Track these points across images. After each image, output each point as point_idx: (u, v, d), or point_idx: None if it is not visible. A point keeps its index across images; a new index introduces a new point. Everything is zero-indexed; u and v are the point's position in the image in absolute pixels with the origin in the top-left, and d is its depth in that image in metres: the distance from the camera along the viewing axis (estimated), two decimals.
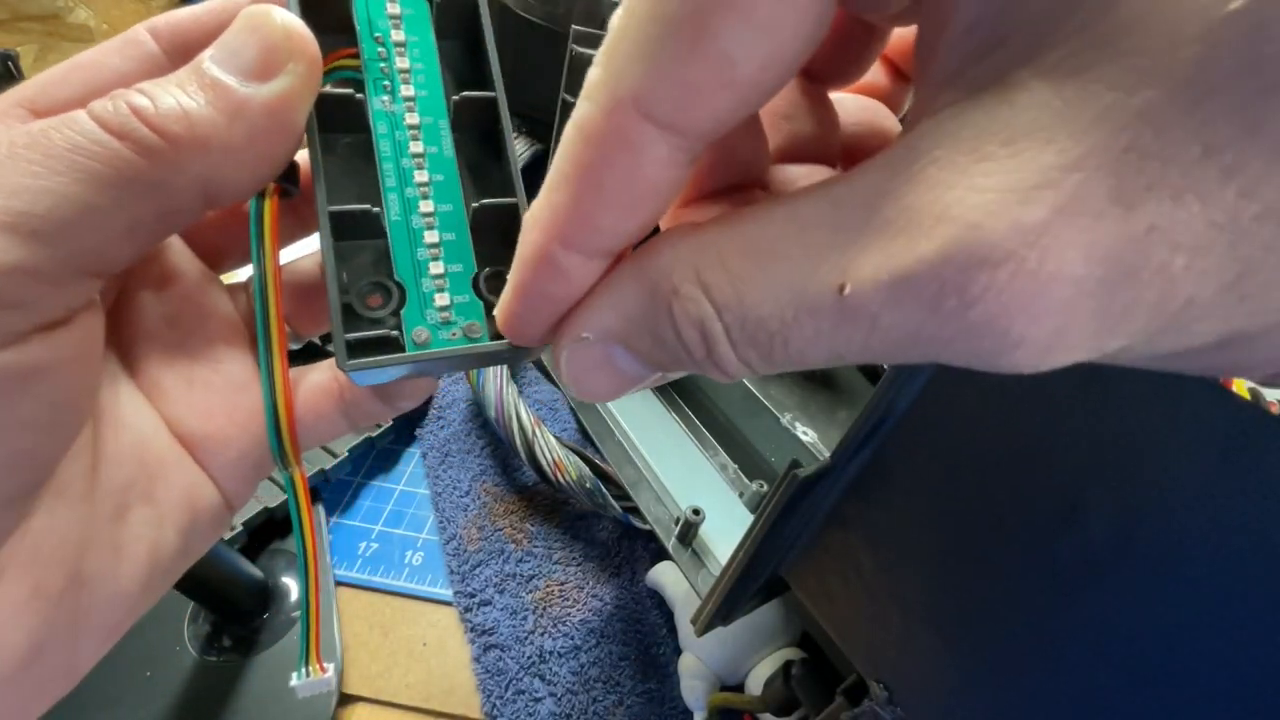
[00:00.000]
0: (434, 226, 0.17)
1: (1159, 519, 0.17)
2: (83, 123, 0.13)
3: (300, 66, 0.15)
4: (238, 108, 0.14)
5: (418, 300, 0.17)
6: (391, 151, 0.17)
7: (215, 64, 0.14)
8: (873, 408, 0.23)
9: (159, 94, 0.14)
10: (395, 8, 0.17)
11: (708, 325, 0.11)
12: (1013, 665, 0.22)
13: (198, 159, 0.14)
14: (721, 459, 0.44)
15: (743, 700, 0.41)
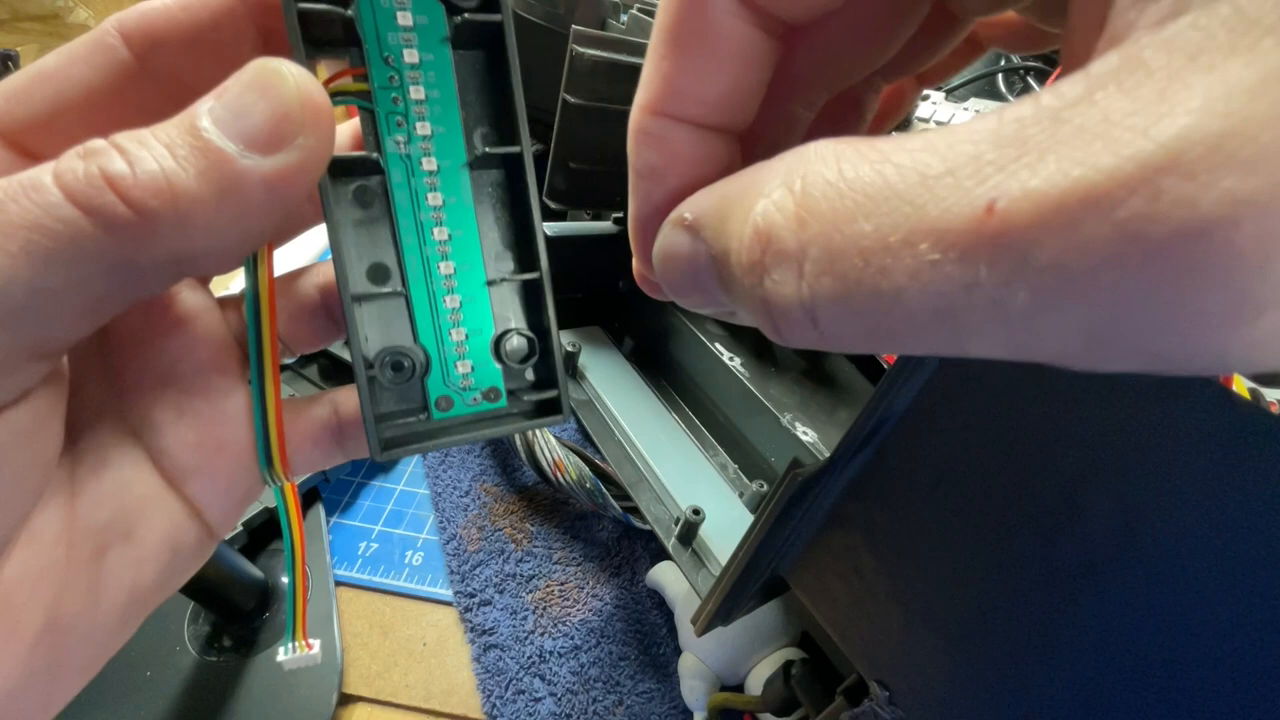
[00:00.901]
0: (454, 289, 0.16)
1: (1159, 519, 0.17)
2: (48, 194, 0.11)
3: (312, 140, 0.13)
4: (233, 182, 0.12)
5: (439, 367, 0.16)
6: (409, 205, 0.16)
7: (215, 125, 0.12)
8: (873, 407, 0.23)
9: (140, 157, 0.11)
10: (407, 17, 0.15)
11: (778, 236, 0.09)
12: (1013, 665, 0.22)
13: (175, 236, 0.12)
14: (721, 459, 0.44)
15: (743, 700, 0.41)
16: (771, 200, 0.09)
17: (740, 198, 0.10)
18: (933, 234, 0.07)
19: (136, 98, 0.15)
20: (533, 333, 0.17)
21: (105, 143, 0.12)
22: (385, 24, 0.15)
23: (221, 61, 0.15)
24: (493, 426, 0.17)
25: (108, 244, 0.11)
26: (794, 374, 0.45)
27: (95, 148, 0.12)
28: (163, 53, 0.15)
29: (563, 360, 0.17)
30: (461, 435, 0.16)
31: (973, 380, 0.20)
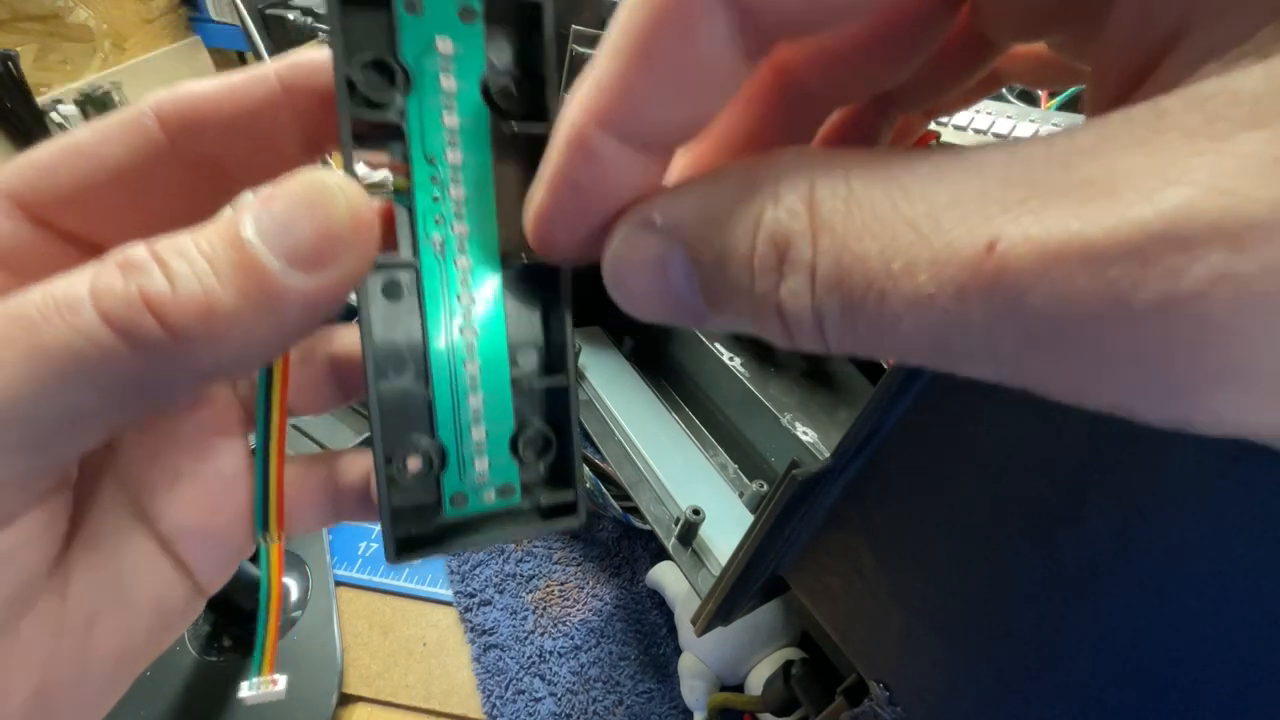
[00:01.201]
0: (477, 387, 0.16)
1: (1159, 520, 0.17)
2: (84, 316, 0.10)
3: (355, 259, 0.12)
4: (272, 300, 0.11)
5: (456, 464, 0.16)
6: (440, 303, 0.16)
7: (260, 238, 0.11)
8: (873, 408, 0.23)
9: (182, 274, 0.11)
10: (453, 118, 0.15)
11: (795, 245, 0.09)
12: (1013, 665, 0.22)
13: (206, 354, 0.11)
14: (721, 459, 0.44)
15: (743, 700, 0.41)
16: (785, 207, 0.09)
17: (736, 202, 0.10)
18: (933, 265, 0.07)
19: (166, 179, 0.15)
20: (552, 430, 0.17)
21: (146, 253, 0.11)
22: (431, 123, 0.15)
23: (258, 148, 0.15)
24: (507, 529, 0.17)
25: (138, 364, 0.11)
26: (794, 374, 0.45)
27: (136, 261, 0.11)
28: (198, 137, 0.14)
29: (581, 462, 0.17)
30: (475, 539, 0.16)
31: (974, 382, 0.20)
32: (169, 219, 0.15)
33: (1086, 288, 0.06)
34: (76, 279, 0.11)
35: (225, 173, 0.15)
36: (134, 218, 0.15)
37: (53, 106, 0.70)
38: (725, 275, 0.10)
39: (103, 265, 0.11)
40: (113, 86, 0.74)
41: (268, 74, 0.14)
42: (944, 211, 0.07)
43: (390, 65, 0.14)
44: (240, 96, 0.14)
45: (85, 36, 0.76)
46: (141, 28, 0.83)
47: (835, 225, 0.08)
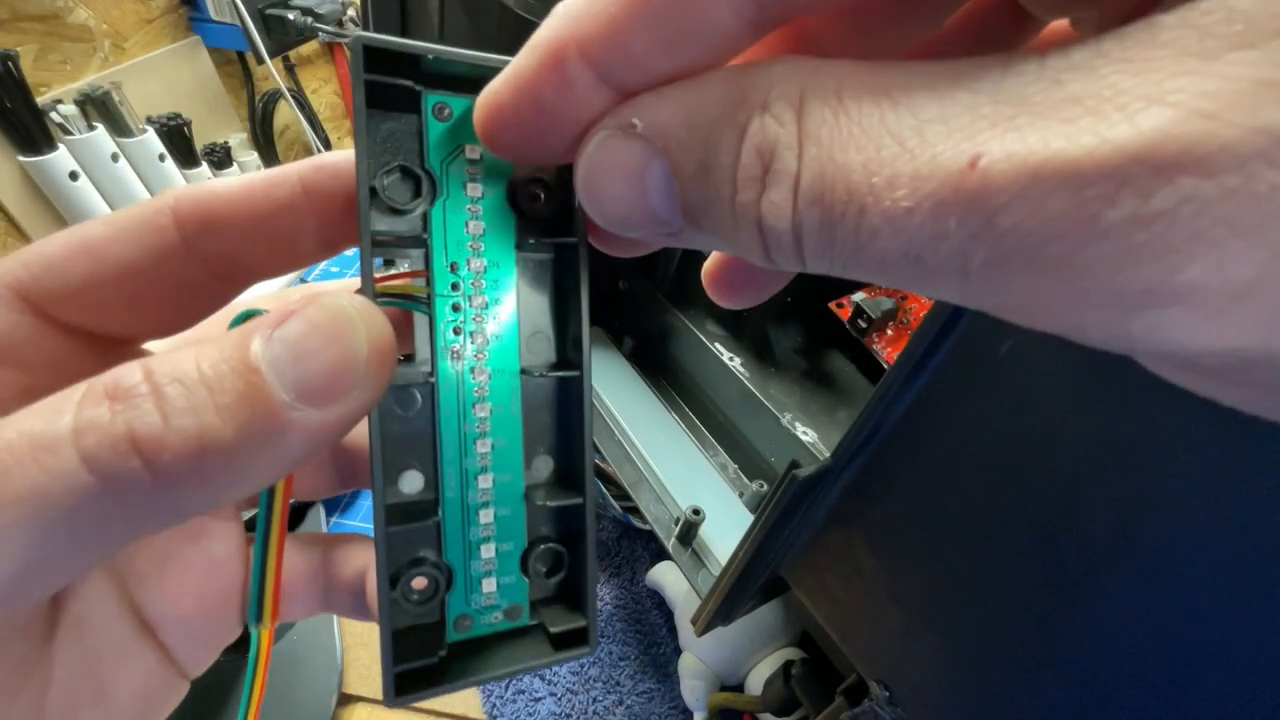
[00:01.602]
0: (490, 503, 0.15)
1: (1158, 519, 0.17)
2: (62, 460, 0.09)
3: (369, 393, 0.11)
4: (275, 435, 0.10)
5: (464, 585, 0.15)
6: (455, 416, 0.15)
7: (270, 368, 0.10)
8: (873, 407, 0.23)
9: (176, 404, 0.10)
10: (478, 226, 0.14)
11: (780, 155, 0.08)
12: (1013, 665, 0.22)
13: (194, 495, 0.10)
14: (721, 459, 0.44)
15: (743, 700, 0.41)
16: (773, 115, 0.09)
17: (723, 109, 0.09)
18: (914, 180, 0.07)
19: (176, 276, 0.14)
20: (564, 546, 0.16)
21: (140, 377, 0.10)
22: (454, 230, 0.14)
23: (274, 247, 0.14)
24: (513, 661, 0.15)
25: (118, 508, 0.10)
26: (794, 374, 0.45)
27: (126, 388, 0.10)
28: (214, 236, 0.14)
29: (595, 586, 0.16)
30: (479, 674, 0.15)
31: (974, 382, 0.20)
32: (176, 314, 0.15)
33: (1061, 207, 0.06)
34: (60, 409, 0.10)
35: (238, 268, 0.15)
36: (141, 313, 0.14)
37: (53, 106, 0.70)
38: (706, 185, 0.10)
39: (90, 391, 0.10)
40: (113, 86, 0.74)
41: (290, 175, 0.14)
42: (931, 125, 0.07)
43: (415, 173, 0.13)
44: (260, 198, 0.14)
45: (85, 36, 0.76)
46: (141, 28, 0.83)
47: (822, 136, 0.08)
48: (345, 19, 0.94)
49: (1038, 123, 0.07)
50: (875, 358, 0.39)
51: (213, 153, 0.90)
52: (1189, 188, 0.06)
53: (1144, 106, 0.06)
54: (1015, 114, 0.07)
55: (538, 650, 0.16)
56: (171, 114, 0.82)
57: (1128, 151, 0.06)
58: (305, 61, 1.07)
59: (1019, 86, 0.07)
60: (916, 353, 0.21)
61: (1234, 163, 0.06)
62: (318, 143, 1.05)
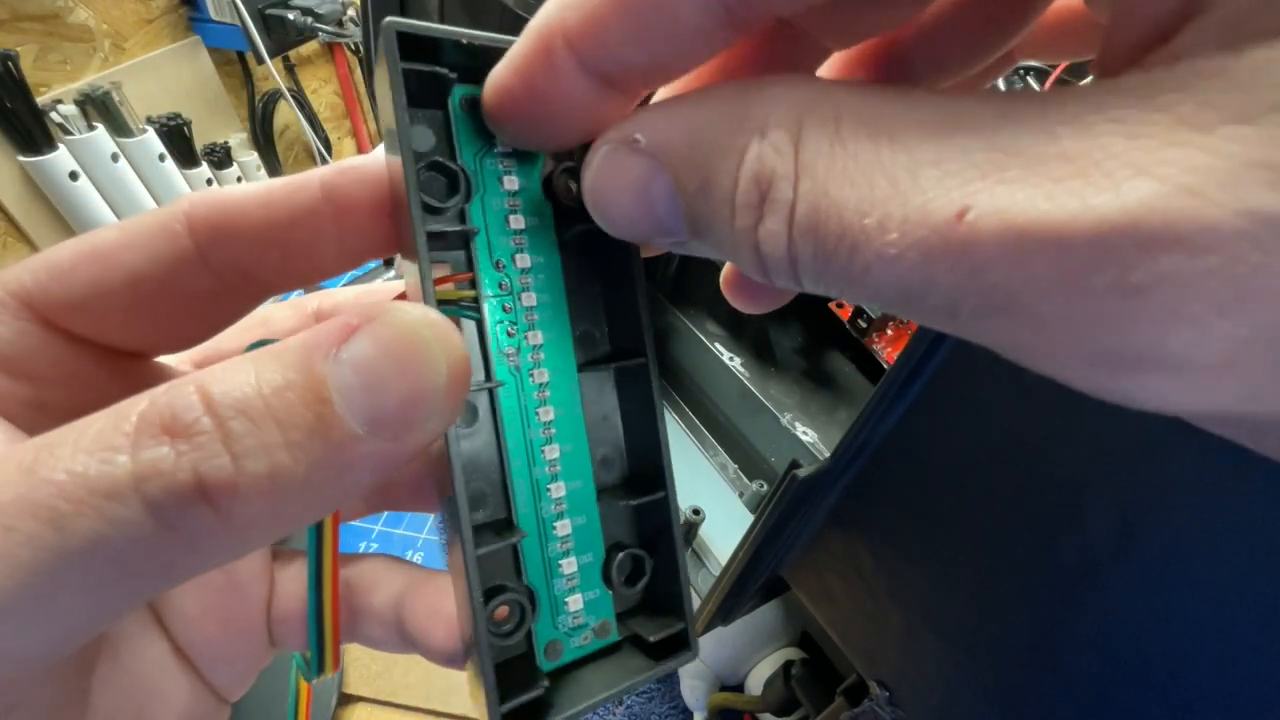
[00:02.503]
0: (564, 513, 0.14)
1: (1158, 519, 0.17)
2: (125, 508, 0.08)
3: (442, 421, 0.10)
4: (344, 467, 0.10)
5: (549, 607, 0.14)
6: (519, 424, 0.14)
7: (344, 400, 0.09)
8: (873, 407, 0.23)
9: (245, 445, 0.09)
10: (519, 220, 0.14)
11: (777, 185, 0.09)
12: (1012, 665, 0.22)
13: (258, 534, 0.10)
14: (721, 459, 0.44)
15: (743, 700, 0.41)
16: (770, 143, 0.09)
17: (722, 131, 0.09)
18: (905, 225, 0.07)
19: (187, 286, 0.13)
20: (644, 549, 0.15)
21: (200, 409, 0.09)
22: (495, 227, 0.14)
23: (291, 257, 0.14)
24: (616, 680, 0.14)
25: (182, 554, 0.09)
26: (794, 374, 0.45)
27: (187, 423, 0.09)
28: (229, 244, 0.13)
29: (688, 585, 0.15)
30: (587, 702, 0.13)
31: (973, 382, 0.20)
32: (188, 327, 0.14)
33: (1046, 269, 0.07)
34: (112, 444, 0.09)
35: (254, 280, 0.14)
36: (151, 325, 0.14)
37: (53, 106, 0.70)
38: (707, 204, 0.10)
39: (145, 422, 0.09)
40: (113, 86, 0.74)
41: (311, 180, 0.13)
42: (924, 169, 0.07)
43: (450, 168, 0.13)
44: (279, 204, 0.13)
45: (85, 36, 0.76)
46: (141, 28, 0.83)
47: (818, 169, 0.08)
48: (345, 19, 0.94)
49: (1029, 178, 0.07)
50: (875, 358, 0.39)
51: (213, 153, 0.90)
52: (1170, 264, 0.06)
53: (1131, 176, 0.06)
54: (1007, 164, 0.07)
55: (636, 664, 0.14)
56: (171, 114, 0.82)
57: (1111, 222, 0.06)
58: (305, 61, 1.07)
59: (1015, 136, 0.07)
60: (917, 353, 0.21)
61: (1216, 243, 0.06)
62: (317, 143, 1.05)
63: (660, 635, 0.14)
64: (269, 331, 0.17)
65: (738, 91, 0.10)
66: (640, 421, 0.15)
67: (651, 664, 0.14)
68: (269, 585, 0.16)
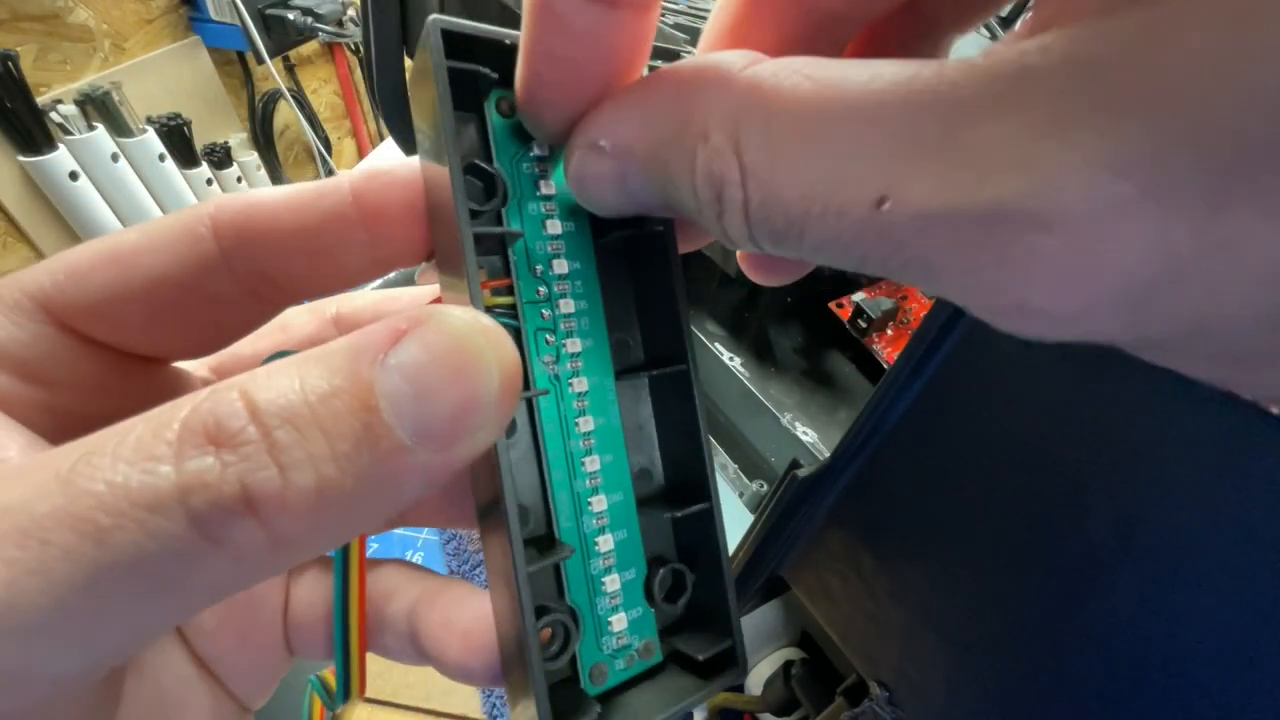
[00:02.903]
0: (606, 527, 0.14)
1: (1159, 519, 0.17)
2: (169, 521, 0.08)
3: (492, 432, 0.10)
4: (392, 480, 0.09)
5: (593, 627, 0.14)
6: (559, 435, 0.14)
7: (390, 406, 0.09)
8: (873, 408, 0.23)
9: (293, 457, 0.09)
10: (556, 225, 0.14)
11: (727, 191, 0.10)
12: (1013, 665, 0.22)
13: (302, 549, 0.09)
14: (721, 459, 0.44)
15: (743, 700, 0.41)
16: (713, 148, 0.10)
17: (671, 136, 0.10)
18: (839, 215, 0.09)
19: (211, 292, 0.13)
20: (684, 560, 0.15)
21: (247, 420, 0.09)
22: (533, 233, 0.13)
23: (317, 264, 0.13)
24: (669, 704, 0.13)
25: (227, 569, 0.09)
26: (794, 374, 0.45)
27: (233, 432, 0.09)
28: (254, 249, 0.13)
29: (735, 599, 0.14)
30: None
31: (974, 382, 0.20)
32: (209, 333, 0.14)
33: (947, 245, 0.08)
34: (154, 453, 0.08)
35: (278, 286, 0.14)
36: (171, 330, 0.13)
37: (53, 106, 0.70)
38: (678, 196, 0.11)
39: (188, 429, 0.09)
40: (113, 86, 0.74)
41: (340, 184, 0.13)
42: (847, 161, 0.09)
43: (488, 171, 0.13)
44: (307, 208, 0.13)
45: (85, 36, 0.76)
46: (141, 28, 0.83)
47: (760, 171, 0.09)
48: (345, 19, 0.94)
49: (931, 168, 0.08)
50: (875, 358, 0.39)
51: (213, 153, 0.90)
52: (1033, 242, 0.08)
53: (1006, 169, 0.08)
54: (912, 155, 0.08)
55: (684, 684, 0.14)
56: (171, 114, 0.82)
57: (992, 209, 0.08)
58: (305, 61, 1.07)
59: (916, 129, 0.08)
60: (916, 353, 0.21)
61: (1068, 225, 0.07)
62: (317, 143, 1.05)
63: (709, 653, 0.14)
64: (287, 338, 0.17)
65: (677, 94, 0.10)
66: (681, 430, 0.15)
67: (701, 683, 0.14)
68: (284, 593, 0.16)
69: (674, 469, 0.15)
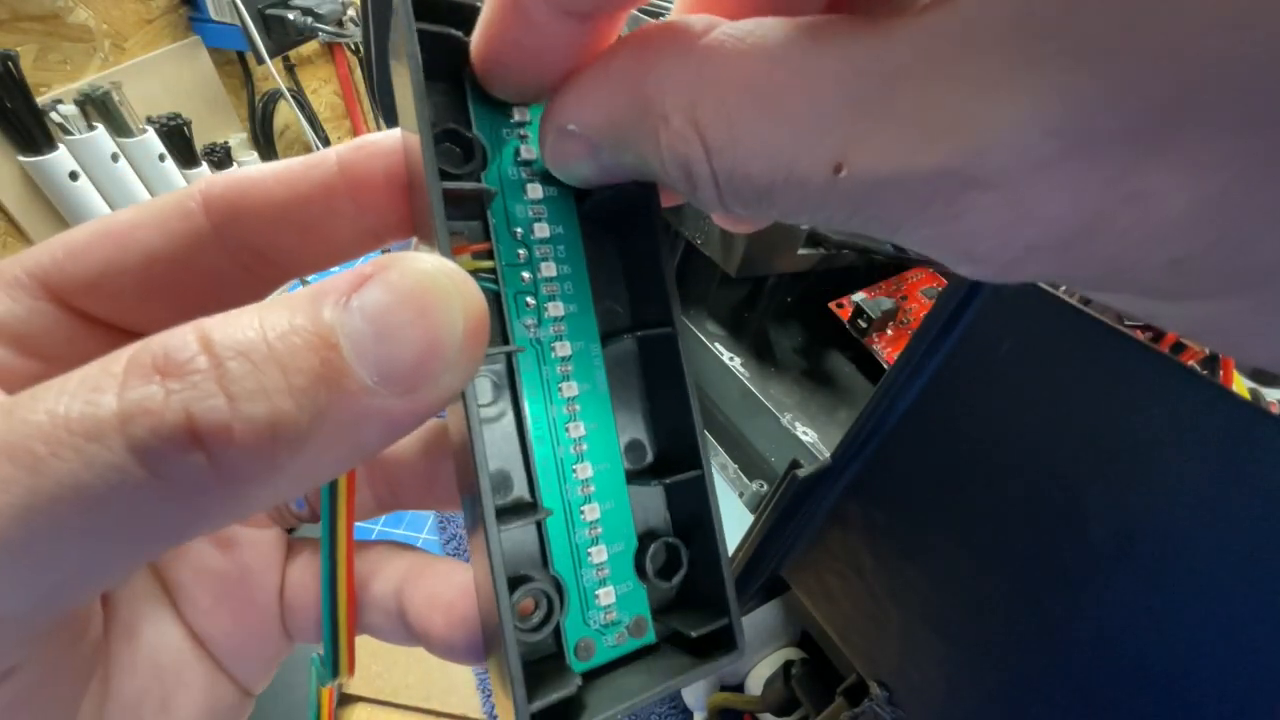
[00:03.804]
0: (592, 496, 0.14)
1: (1159, 519, 0.17)
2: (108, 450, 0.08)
3: (459, 378, 0.10)
4: (351, 424, 0.09)
5: (579, 599, 0.13)
6: (541, 399, 0.13)
7: (353, 348, 0.09)
8: (873, 408, 0.23)
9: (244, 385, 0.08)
10: (537, 189, 0.14)
11: (695, 168, 0.10)
12: (1013, 665, 0.22)
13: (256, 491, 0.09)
14: (721, 459, 0.44)
15: (743, 700, 0.41)
16: (675, 130, 0.10)
17: (633, 118, 0.11)
18: (803, 183, 0.09)
19: (203, 266, 0.13)
20: (679, 537, 0.14)
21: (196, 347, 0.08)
22: (513, 196, 0.13)
23: (308, 237, 0.14)
24: (657, 682, 0.13)
25: (172, 506, 0.08)
26: (794, 374, 0.45)
27: (181, 361, 0.08)
28: (244, 223, 0.13)
29: (733, 577, 0.14)
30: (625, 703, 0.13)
31: (973, 381, 0.20)
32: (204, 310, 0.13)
33: (901, 202, 0.09)
34: (99, 385, 0.08)
35: (270, 261, 0.14)
36: (166, 306, 0.14)
37: (53, 106, 0.70)
38: (650, 169, 0.11)
39: (135, 362, 0.08)
40: (113, 86, 0.74)
41: (327, 156, 0.13)
42: (804, 134, 0.09)
43: (466, 136, 0.13)
44: (295, 180, 0.13)
45: (85, 36, 0.76)
46: (141, 28, 0.83)
47: (724, 149, 0.10)
48: (345, 19, 0.94)
49: (880, 132, 0.09)
50: (875, 358, 0.39)
51: (213, 153, 0.90)
52: (975, 199, 0.08)
53: (948, 131, 0.08)
54: (859, 120, 0.09)
55: (677, 662, 0.13)
56: (171, 114, 0.82)
57: (937, 170, 0.08)
58: (305, 61, 1.07)
59: (865, 93, 0.09)
60: (916, 353, 0.21)
61: (1004, 183, 0.08)
62: (317, 143, 1.05)
63: (702, 630, 0.13)
64: None
65: (636, 71, 0.11)
66: (669, 397, 0.14)
67: (695, 662, 0.13)
68: (281, 575, 0.16)
69: (665, 439, 0.15)
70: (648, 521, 0.14)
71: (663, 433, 0.15)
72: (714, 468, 0.14)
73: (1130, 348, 0.16)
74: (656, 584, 0.14)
